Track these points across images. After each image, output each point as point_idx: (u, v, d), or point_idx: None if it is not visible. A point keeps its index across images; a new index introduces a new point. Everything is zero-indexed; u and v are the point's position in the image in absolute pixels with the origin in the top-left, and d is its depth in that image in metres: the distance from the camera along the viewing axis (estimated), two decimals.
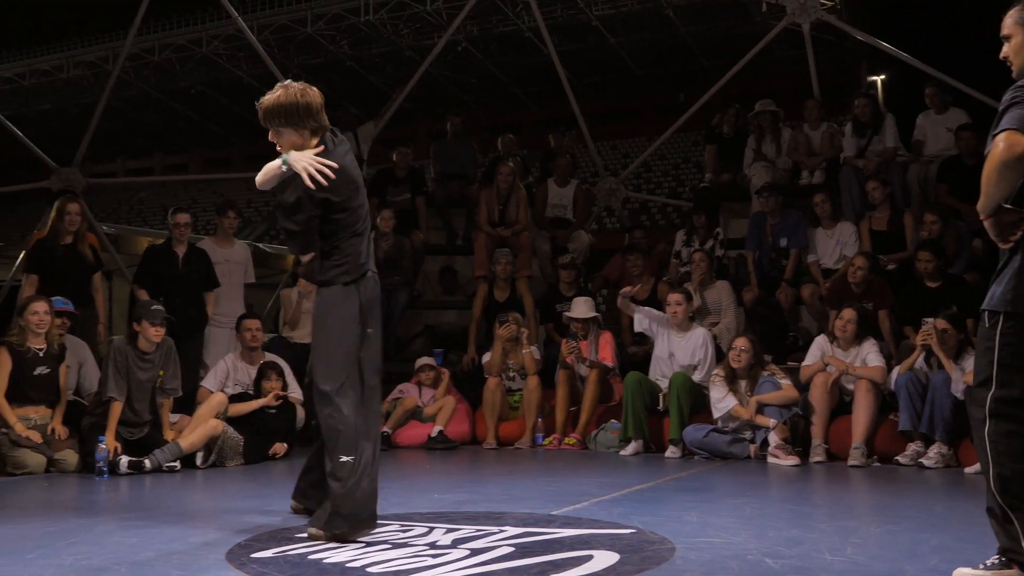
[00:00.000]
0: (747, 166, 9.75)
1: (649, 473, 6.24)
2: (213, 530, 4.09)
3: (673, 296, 7.60)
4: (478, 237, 9.34)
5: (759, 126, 9.83)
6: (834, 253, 8.40)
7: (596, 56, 34.77)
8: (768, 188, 8.76)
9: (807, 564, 3.36)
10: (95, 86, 37.02)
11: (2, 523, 4.41)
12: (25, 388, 6.49)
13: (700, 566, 3.32)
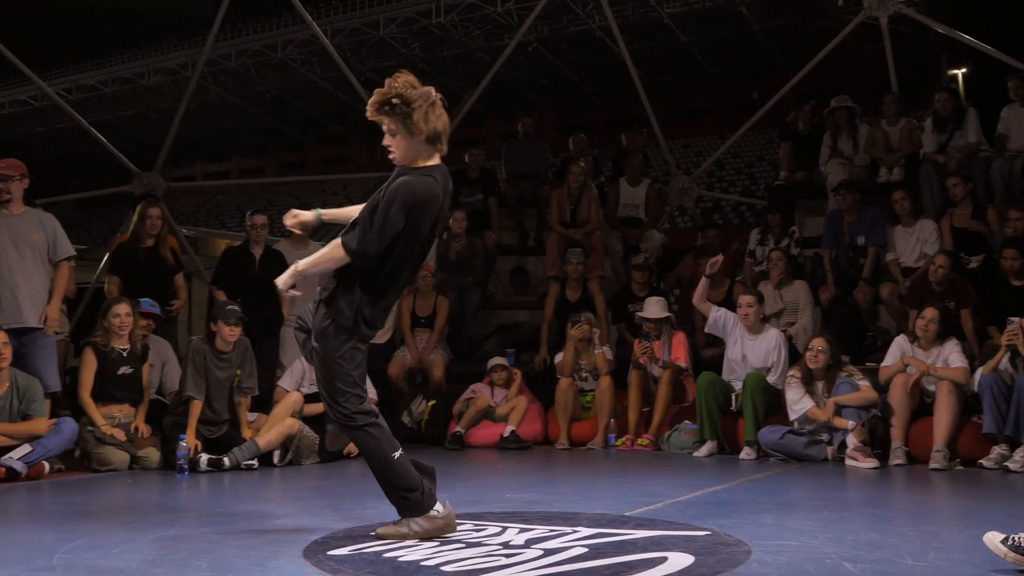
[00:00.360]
0: (823, 163, 9.59)
1: (724, 475, 6.17)
2: (290, 527, 4.16)
3: (745, 298, 7.50)
4: (550, 237, 9.34)
5: (835, 122, 9.66)
6: (914, 251, 8.21)
7: (668, 54, 34.48)
8: (845, 185, 8.61)
9: (888, 569, 3.28)
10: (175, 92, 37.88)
11: (88, 518, 4.53)
12: (109, 387, 6.68)
13: (776, 570, 3.27)
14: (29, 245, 6.52)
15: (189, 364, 6.66)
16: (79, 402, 6.67)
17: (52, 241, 6.62)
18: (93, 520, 4.44)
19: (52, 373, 6.63)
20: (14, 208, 6.59)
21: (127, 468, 6.46)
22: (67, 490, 5.64)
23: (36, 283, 6.53)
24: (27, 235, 6.52)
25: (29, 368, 6.33)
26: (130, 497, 5.54)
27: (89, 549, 3.67)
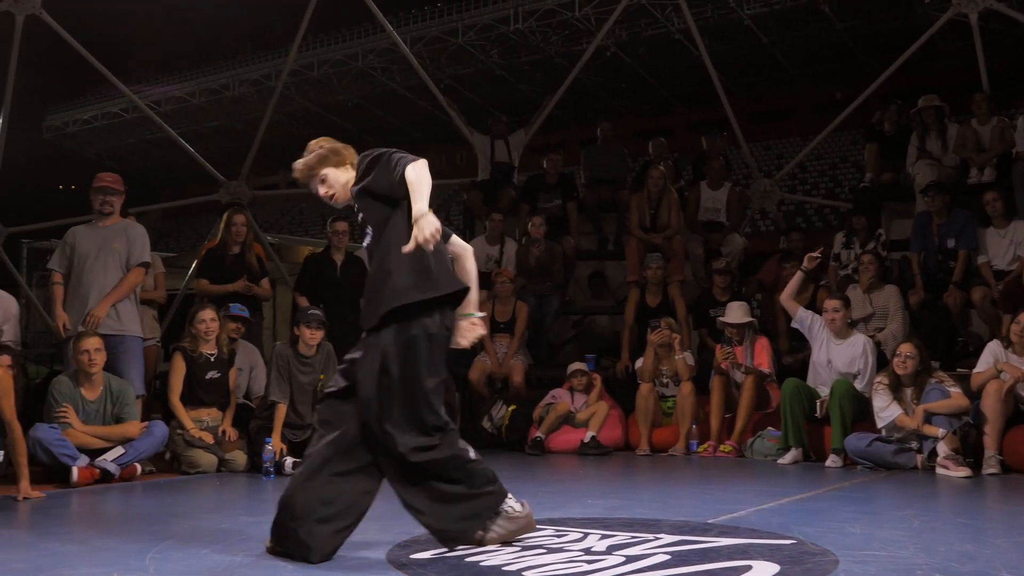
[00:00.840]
0: (910, 164, 9.37)
1: (809, 482, 6.06)
2: (374, 530, 4.19)
3: (831, 303, 7.36)
4: (629, 242, 9.29)
5: (923, 122, 9.42)
6: (1007, 254, 7.96)
7: (748, 56, 34.08)
8: (934, 187, 8.39)
9: None
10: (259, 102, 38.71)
11: (178, 519, 4.64)
12: (198, 391, 6.84)
13: None
14: (110, 253, 6.75)
15: (273, 369, 6.80)
16: (169, 406, 6.86)
17: (130, 247, 6.81)
18: (183, 521, 4.54)
19: (138, 377, 6.83)
20: (109, 220, 6.84)
21: (215, 470, 6.60)
22: (158, 491, 5.79)
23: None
24: (109, 244, 6.76)
25: (117, 372, 6.52)
26: (218, 499, 5.66)
27: (179, 550, 3.76)
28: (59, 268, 6.77)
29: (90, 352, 6.13)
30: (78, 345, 6.17)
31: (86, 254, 6.70)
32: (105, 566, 3.43)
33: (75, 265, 6.73)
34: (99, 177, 6.97)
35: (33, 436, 5.75)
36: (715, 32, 30.95)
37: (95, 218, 6.89)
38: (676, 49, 33.21)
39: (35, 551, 3.75)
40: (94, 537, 4.14)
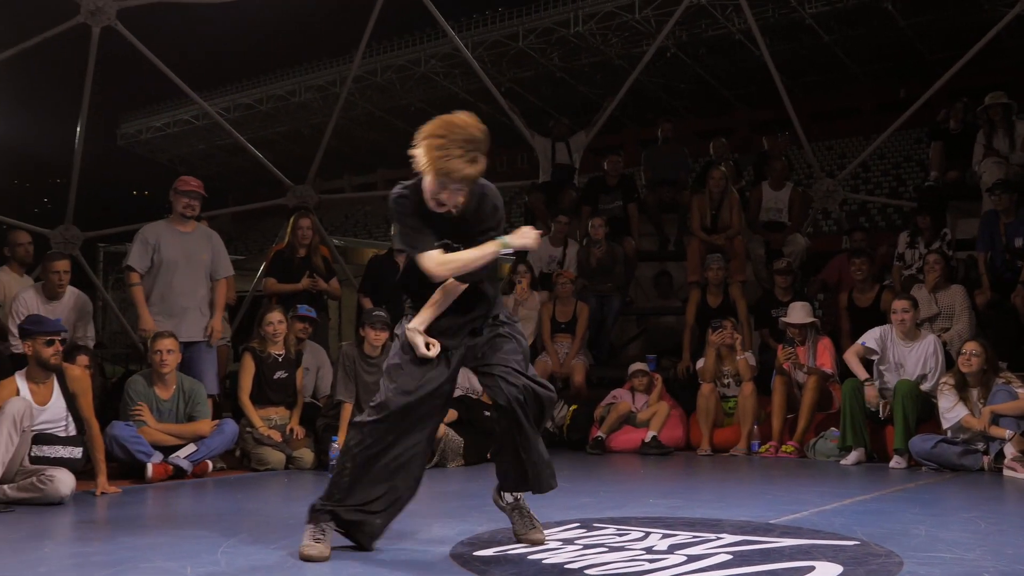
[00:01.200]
0: (977, 163, 9.18)
1: (872, 483, 5.96)
2: (437, 527, 4.23)
3: (899, 303, 7.22)
4: (690, 243, 9.24)
5: (990, 120, 9.23)
6: None
7: (810, 54, 33.72)
8: (1001, 185, 8.21)
9: None
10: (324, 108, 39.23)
11: (248, 515, 4.72)
12: (266, 391, 6.96)
13: None
14: (199, 263, 6.94)
15: (340, 369, 6.88)
16: (239, 404, 6.98)
17: (215, 259, 7.02)
18: (252, 517, 4.63)
19: (212, 378, 7.00)
20: (188, 225, 7.00)
21: (283, 468, 6.70)
22: (228, 488, 5.89)
23: (201, 297, 6.98)
24: (198, 254, 6.95)
25: (193, 373, 6.67)
26: (286, 495, 5.74)
27: (250, 544, 3.83)
28: (139, 268, 6.90)
29: (162, 352, 6.27)
30: (153, 345, 6.32)
31: (174, 261, 6.87)
32: (179, 559, 3.51)
33: (160, 269, 6.89)
34: (184, 180, 7.13)
35: (110, 433, 5.89)
36: (776, 31, 30.66)
37: (174, 219, 7.04)
38: (737, 49, 32.97)
39: (113, 544, 3.85)
40: (168, 532, 4.24)
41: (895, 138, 28.30)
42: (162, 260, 6.87)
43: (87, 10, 9.32)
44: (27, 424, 5.01)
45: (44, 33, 9.56)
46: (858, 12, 30.82)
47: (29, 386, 5.24)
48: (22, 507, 4.81)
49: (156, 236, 6.94)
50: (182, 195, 7.00)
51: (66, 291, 7.07)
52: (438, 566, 3.41)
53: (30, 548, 3.87)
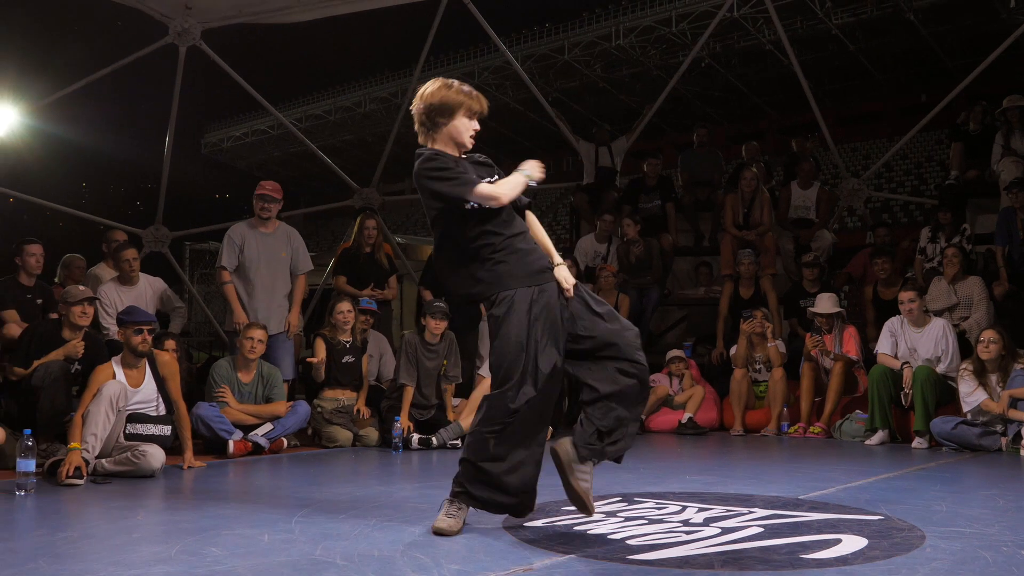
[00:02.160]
0: (995, 162, 8.99)
1: (896, 462, 5.86)
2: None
3: (905, 294, 7.13)
4: (724, 239, 9.17)
5: (1008, 121, 9.03)
6: None
7: (836, 63, 33.15)
8: (1019, 183, 8.03)
9: None
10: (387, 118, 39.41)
11: (319, 488, 4.76)
12: (335, 374, 7.02)
13: (951, 555, 3.08)
14: (279, 261, 7.02)
15: (402, 355, 6.92)
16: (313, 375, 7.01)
17: (295, 257, 7.09)
18: (323, 489, 4.66)
19: (289, 364, 7.07)
20: (270, 225, 7.08)
21: (351, 445, 6.77)
22: (301, 463, 5.95)
23: (281, 292, 7.06)
24: (277, 252, 7.03)
25: (272, 360, 6.75)
26: (353, 470, 5.78)
27: (320, 514, 3.86)
28: (229, 266, 6.99)
29: (253, 340, 6.38)
30: (246, 332, 6.42)
31: (255, 259, 6.96)
32: (257, 528, 3.55)
33: (244, 266, 6.99)
34: (261, 185, 7.22)
35: (195, 413, 5.99)
36: (804, 42, 30.22)
37: (255, 221, 7.13)
38: (767, 59, 32.55)
39: (198, 513, 3.91)
40: (248, 502, 4.29)
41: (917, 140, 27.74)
42: (245, 259, 6.97)
43: (175, 31, 9.46)
44: (122, 405, 5.10)
45: (137, 52, 9.72)
46: (881, 22, 30.24)
47: (124, 370, 5.33)
48: (118, 479, 4.90)
49: (241, 237, 7.02)
50: (259, 198, 7.09)
51: (139, 277, 7.21)
52: (493, 534, 3.41)
53: (125, 516, 3.94)
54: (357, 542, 3.28)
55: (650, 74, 33.73)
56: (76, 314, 5.63)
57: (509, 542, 3.30)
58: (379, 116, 40.97)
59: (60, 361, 5.49)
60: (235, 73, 10.16)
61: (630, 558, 3.03)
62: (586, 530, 3.47)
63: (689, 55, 12.91)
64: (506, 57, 12.16)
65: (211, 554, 3.08)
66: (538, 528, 3.54)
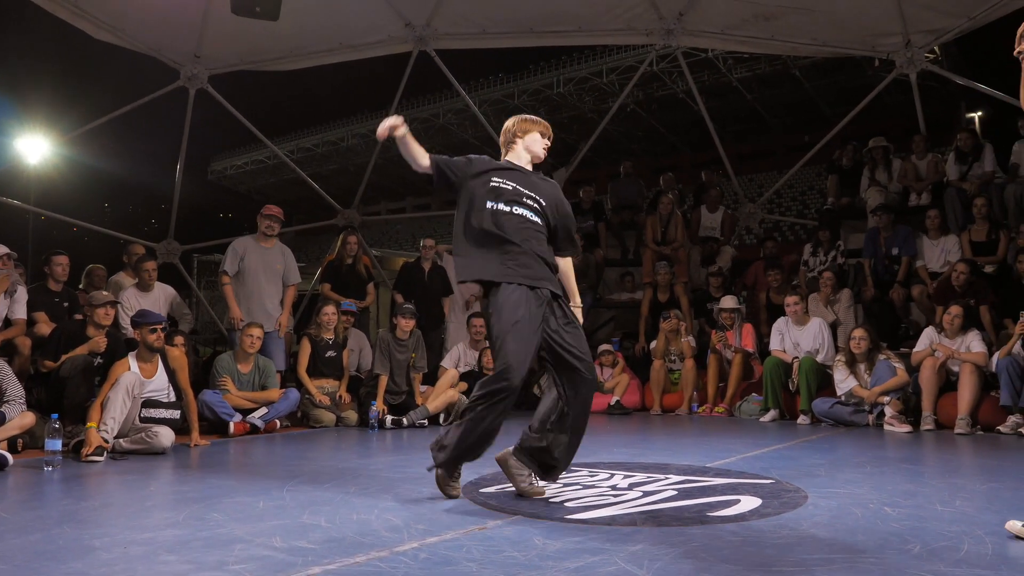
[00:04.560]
0: (863, 191, 9.18)
1: (784, 436, 5.95)
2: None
3: (790, 298, 7.27)
4: (645, 253, 9.23)
5: (873, 158, 9.22)
6: (939, 259, 7.77)
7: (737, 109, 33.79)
8: (882, 208, 8.22)
9: (921, 513, 3.11)
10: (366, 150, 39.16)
11: (307, 461, 4.70)
12: (320, 366, 6.93)
13: (829, 511, 3.14)
14: (273, 272, 6.96)
15: (377, 350, 6.86)
16: (298, 376, 6.96)
17: (287, 269, 7.05)
18: (310, 463, 4.60)
19: (281, 357, 6.99)
20: (270, 242, 7.03)
21: (334, 425, 6.68)
22: (292, 441, 5.87)
23: (275, 298, 7.00)
24: (273, 264, 6.98)
25: (267, 354, 6.65)
26: (336, 447, 5.71)
27: (308, 483, 3.81)
28: (230, 271, 6.97)
29: (253, 337, 6.29)
30: (247, 330, 6.33)
31: (254, 269, 6.93)
32: (254, 495, 3.49)
33: (243, 273, 6.96)
34: (269, 207, 7.27)
35: (201, 399, 5.87)
36: (711, 91, 30.69)
37: (258, 236, 7.07)
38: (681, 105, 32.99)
39: (203, 483, 3.83)
40: (246, 474, 4.22)
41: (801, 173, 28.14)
42: (246, 268, 6.93)
43: (185, 76, 9.30)
44: (137, 392, 4.99)
45: (153, 93, 9.54)
46: (773, 76, 30.89)
47: (138, 364, 5.22)
48: (133, 456, 4.80)
49: (243, 248, 6.99)
50: (266, 218, 7.10)
51: (155, 285, 7.10)
52: (451, 500, 3.39)
53: (139, 486, 3.84)
54: (339, 507, 3.24)
55: (585, 116, 34.01)
56: (100, 315, 5.50)
57: (467, 506, 3.28)
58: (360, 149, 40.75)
59: (84, 355, 5.35)
60: (237, 112, 10.01)
61: (568, 518, 3.03)
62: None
63: (617, 101, 12.99)
64: (466, 101, 12.13)
65: (213, 519, 3.02)
66: (491, 493, 3.52)
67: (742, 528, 2.87)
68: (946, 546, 2.60)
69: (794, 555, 2.49)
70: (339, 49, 9.67)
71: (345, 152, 41.96)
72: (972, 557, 2.47)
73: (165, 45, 9.04)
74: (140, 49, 8.94)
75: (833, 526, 2.89)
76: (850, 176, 9.58)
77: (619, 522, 2.97)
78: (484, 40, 9.84)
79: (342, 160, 42.35)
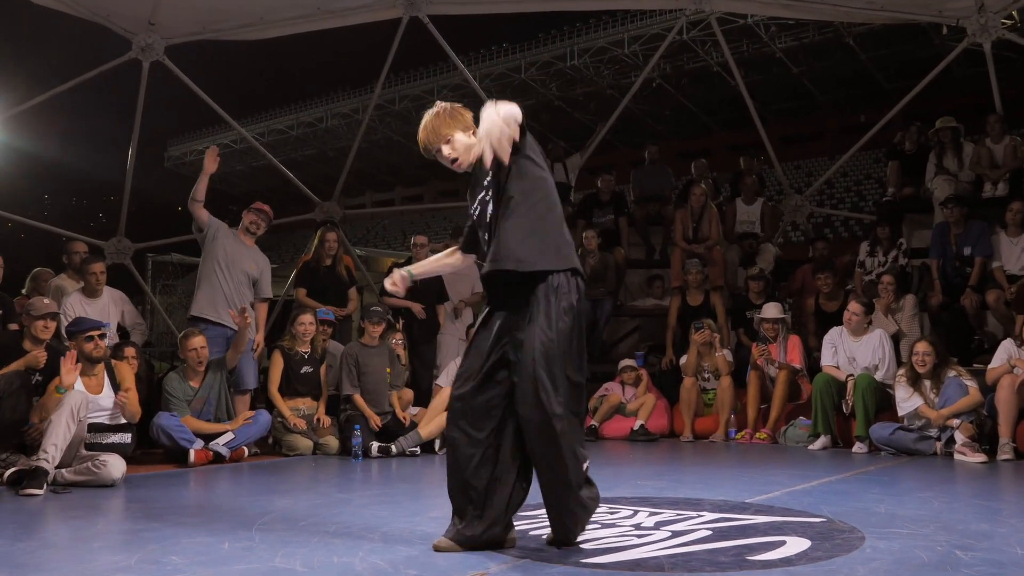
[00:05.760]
0: (929, 180, 9.17)
1: (837, 466, 5.94)
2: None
3: (854, 306, 7.25)
4: (674, 252, 9.25)
5: (940, 142, 9.23)
6: (1020, 259, 7.75)
7: (781, 84, 33.75)
8: (952, 200, 8.21)
9: (998, 557, 3.09)
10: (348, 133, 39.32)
11: (279, 496, 4.70)
12: (294, 384, 6.96)
13: (890, 555, 3.13)
14: (244, 271, 6.92)
15: (343, 369, 6.89)
16: (268, 396, 6.97)
17: (261, 278, 7.03)
18: (283, 498, 4.61)
19: (253, 374, 6.98)
20: (249, 240, 7.05)
21: (311, 453, 6.69)
22: (262, 471, 5.87)
23: (245, 298, 6.92)
24: (247, 265, 6.96)
25: (237, 371, 6.70)
26: (313, 478, 5.72)
27: (281, 522, 3.81)
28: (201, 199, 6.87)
29: (197, 350, 6.31)
30: (187, 344, 6.31)
31: (227, 259, 6.83)
32: (218, 535, 3.49)
33: (214, 256, 6.83)
34: (259, 203, 7.28)
35: (156, 423, 5.91)
36: (750, 64, 30.69)
37: (240, 231, 7.09)
38: (715, 80, 32.99)
39: (159, 522, 3.83)
40: (208, 511, 4.22)
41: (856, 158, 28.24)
42: (218, 251, 6.83)
43: (138, 46, 9.34)
44: (83, 415, 4.99)
45: (99, 67, 9.57)
46: (823, 46, 30.84)
47: (82, 379, 5.24)
48: (78, 489, 4.81)
49: (222, 230, 6.94)
50: (253, 212, 7.14)
51: (104, 290, 7.12)
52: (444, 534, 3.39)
53: (86, 525, 3.85)
54: (316, 549, 3.24)
55: (603, 93, 34.04)
56: (39, 328, 5.50)
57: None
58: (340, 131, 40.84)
59: (21, 371, 5.36)
60: (198, 88, 10.05)
61: (584, 561, 3.03)
62: (541, 535, 3.46)
63: (641, 75, 13.02)
64: (464, 76, 12.16)
65: (171, 562, 3.02)
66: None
67: (788, 574, 2.87)
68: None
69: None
70: (316, 15, 9.70)
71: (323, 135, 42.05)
72: None
73: (114, 11, 9.07)
74: (85, 16, 8.97)
75: (895, 572, 2.89)
76: (914, 162, 9.58)
77: (644, 567, 2.96)
78: (484, 5, 9.88)
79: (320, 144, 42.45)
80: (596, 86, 34.72)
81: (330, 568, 2.94)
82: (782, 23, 29.49)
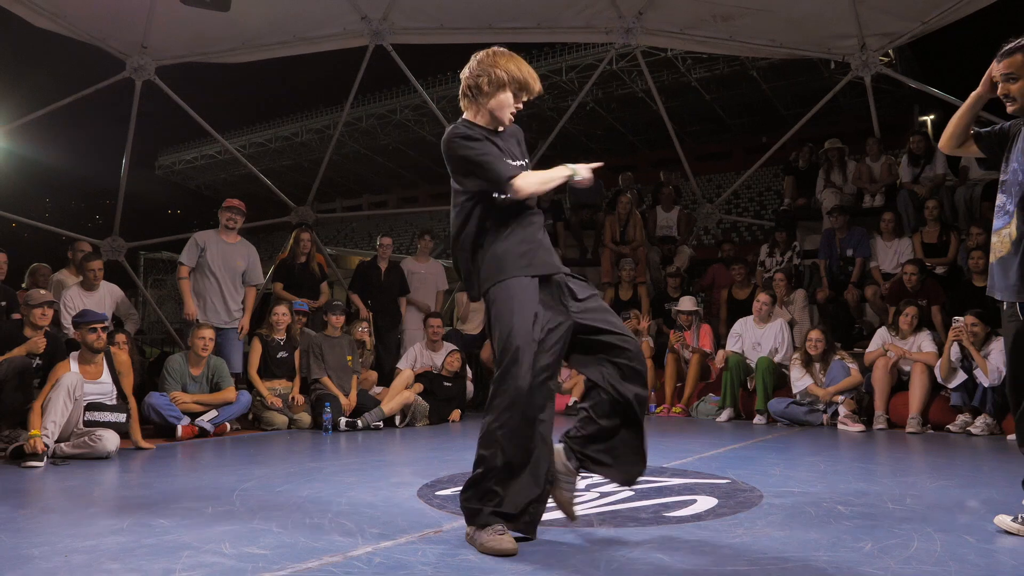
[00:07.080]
0: (819, 192, 9.37)
1: (740, 436, 6.05)
2: (408, 473, 4.19)
3: (763, 296, 7.39)
4: (604, 252, 9.30)
5: (828, 160, 9.44)
6: (892, 261, 7.96)
7: (696, 109, 34.19)
8: (837, 209, 8.40)
9: (872, 511, 3.18)
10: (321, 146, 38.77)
11: (258, 466, 4.64)
12: (271, 367, 6.85)
13: (783, 510, 3.20)
14: (234, 269, 6.83)
15: (309, 355, 6.84)
16: (248, 377, 6.86)
17: (250, 268, 6.93)
18: (261, 467, 4.54)
19: (238, 359, 6.88)
20: (231, 237, 6.90)
21: (286, 428, 6.60)
22: (242, 444, 5.78)
23: (234, 295, 6.86)
24: (234, 261, 6.85)
25: (223, 354, 6.58)
26: (288, 450, 5.65)
27: (259, 489, 3.76)
28: (189, 264, 6.82)
29: (205, 340, 6.19)
30: (197, 332, 6.20)
31: (214, 263, 6.78)
32: (202, 501, 3.43)
33: (203, 267, 6.80)
34: (229, 200, 7.16)
35: (147, 402, 5.77)
36: (670, 91, 31.02)
37: (221, 231, 6.95)
38: (640, 104, 33.29)
39: (149, 490, 3.76)
40: (194, 480, 4.14)
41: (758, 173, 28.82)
42: (205, 262, 6.81)
43: (131, 67, 9.09)
44: (78, 394, 4.88)
45: (96, 85, 9.31)
46: (732, 77, 31.34)
47: (80, 365, 5.11)
48: (75, 461, 4.68)
49: (204, 241, 6.87)
50: (226, 210, 7.01)
51: (101, 284, 6.95)
52: (408, 503, 3.38)
53: (82, 492, 3.75)
54: (291, 512, 3.20)
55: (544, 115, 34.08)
56: (36, 315, 5.35)
57: (422, 509, 3.27)
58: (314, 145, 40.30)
59: (23, 356, 5.20)
60: (186, 105, 9.82)
61: None
62: None
63: (576, 99, 13.05)
64: (423, 98, 12.07)
65: (160, 525, 2.96)
66: (447, 496, 3.52)
67: (698, 528, 2.91)
68: (896, 544, 2.67)
69: (749, 554, 2.53)
70: (293, 42, 9.55)
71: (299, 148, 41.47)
72: (921, 554, 2.54)
73: (110, 34, 8.82)
74: (83, 38, 8.71)
75: (787, 525, 2.95)
76: (806, 177, 9.78)
77: (577, 523, 2.98)
78: (441, 35, 9.81)
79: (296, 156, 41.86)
80: (538, 108, 34.72)
81: (303, 528, 2.90)
82: (697, 56, 29.87)
